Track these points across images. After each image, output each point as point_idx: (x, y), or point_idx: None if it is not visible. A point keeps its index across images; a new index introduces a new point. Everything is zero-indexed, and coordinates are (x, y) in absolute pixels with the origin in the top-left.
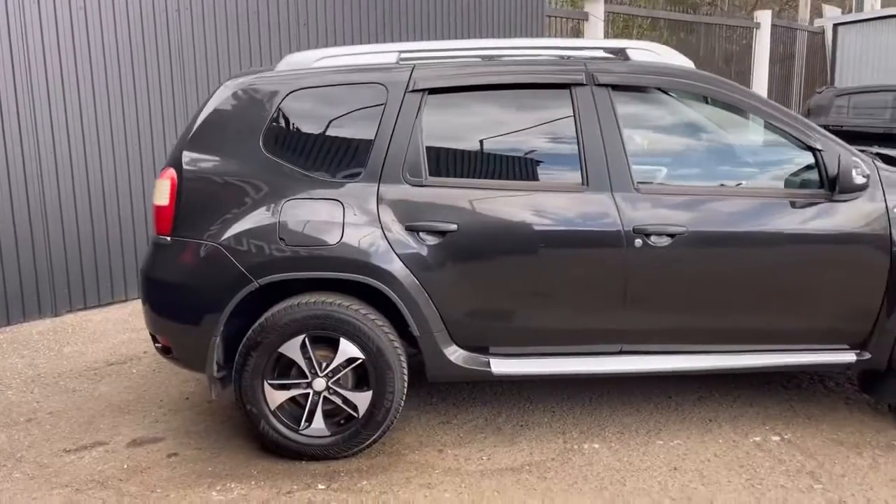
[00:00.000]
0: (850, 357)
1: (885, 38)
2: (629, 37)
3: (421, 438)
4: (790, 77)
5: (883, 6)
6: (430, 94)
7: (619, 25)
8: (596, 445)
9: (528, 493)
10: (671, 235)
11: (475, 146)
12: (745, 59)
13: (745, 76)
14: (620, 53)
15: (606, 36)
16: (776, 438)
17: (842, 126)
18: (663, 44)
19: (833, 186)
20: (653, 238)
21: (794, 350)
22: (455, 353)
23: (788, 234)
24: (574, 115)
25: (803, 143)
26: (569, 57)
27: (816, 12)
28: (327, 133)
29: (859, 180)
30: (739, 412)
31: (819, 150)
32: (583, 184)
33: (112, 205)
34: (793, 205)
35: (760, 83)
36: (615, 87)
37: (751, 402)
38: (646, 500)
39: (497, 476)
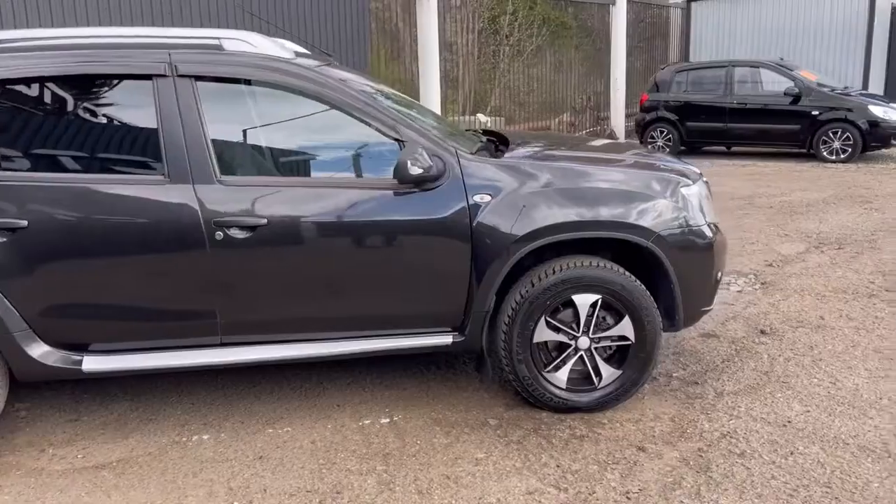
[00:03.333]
0: (447, 339)
1: (735, 13)
2: (503, 15)
3: (34, 438)
4: (666, 53)
5: None
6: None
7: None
8: (206, 437)
9: (90, 491)
10: (252, 228)
11: (51, 138)
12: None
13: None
14: (215, 43)
15: (453, 14)
16: (385, 420)
17: (680, 100)
18: (547, 23)
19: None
20: (233, 230)
21: (398, 335)
22: (41, 352)
23: (377, 223)
24: (155, 107)
25: (390, 135)
26: (155, 46)
27: None
28: None
29: (414, 171)
30: (374, 395)
31: (403, 142)
32: (164, 176)
33: None
34: (382, 195)
35: (618, 60)
36: (200, 78)
37: (394, 384)
38: (201, 491)
39: (75, 475)
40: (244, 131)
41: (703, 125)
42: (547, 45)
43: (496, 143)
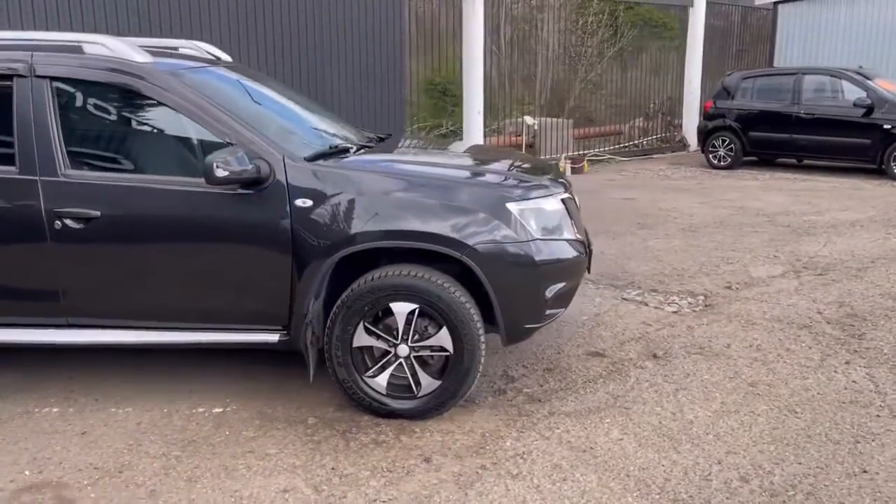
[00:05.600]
0: (274, 338)
1: (825, 15)
2: (587, 13)
3: None
4: (757, 58)
5: None
6: None
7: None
8: (55, 410)
9: None
10: (87, 219)
11: None
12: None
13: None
14: (75, 46)
15: (510, 10)
16: (218, 410)
17: (744, 108)
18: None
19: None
20: (69, 221)
21: (227, 329)
22: None
23: (204, 221)
24: (13, 104)
25: (224, 139)
26: (19, 48)
27: None
28: None
29: (220, 173)
30: (229, 385)
31: (233, 146)
32: (15, 168)
33: None
34: (211, 194)
35: (694, 63)
36: (55, 79)
37: (256, 376)
38: (9, 458)
39: None
40: (94, 129)
41: (767, 135)
42: (635, 46)
43: (370, 148)
